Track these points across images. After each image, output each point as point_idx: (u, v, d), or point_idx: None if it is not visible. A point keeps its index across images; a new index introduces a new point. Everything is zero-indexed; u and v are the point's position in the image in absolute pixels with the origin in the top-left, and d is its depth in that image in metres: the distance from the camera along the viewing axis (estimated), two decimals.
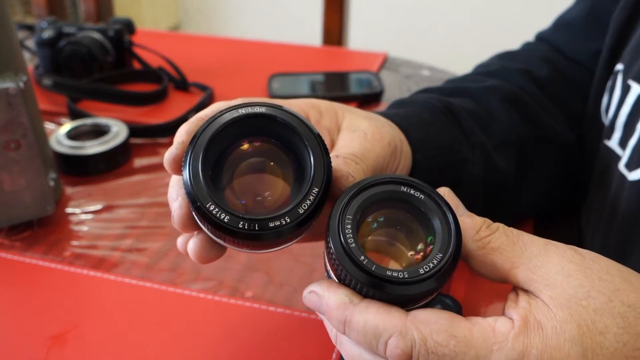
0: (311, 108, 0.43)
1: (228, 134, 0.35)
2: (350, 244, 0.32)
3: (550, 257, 0.33)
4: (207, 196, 0.33)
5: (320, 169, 0.34)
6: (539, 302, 0.32)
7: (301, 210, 0.33)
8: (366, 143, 0.41)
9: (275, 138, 0.36)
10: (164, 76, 0.92)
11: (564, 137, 0.61)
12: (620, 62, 0.55)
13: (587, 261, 0.33)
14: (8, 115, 0.56)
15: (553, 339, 0.31)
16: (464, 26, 2.54)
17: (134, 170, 0.74)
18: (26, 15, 2.35)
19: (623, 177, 0.51)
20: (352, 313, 0.33)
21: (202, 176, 0.34)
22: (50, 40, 0.91)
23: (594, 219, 0.58)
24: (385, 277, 0.32)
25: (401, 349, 0.32)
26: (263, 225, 0.33)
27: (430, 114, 0.54)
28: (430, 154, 0.51)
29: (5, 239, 0.62)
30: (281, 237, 0.34)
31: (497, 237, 0.34)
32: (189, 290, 0.55)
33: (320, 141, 0.35)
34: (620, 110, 0.53)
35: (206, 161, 0.34)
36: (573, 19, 0.67)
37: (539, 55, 0.67)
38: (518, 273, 0.34)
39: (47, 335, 0.50)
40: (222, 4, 2.96)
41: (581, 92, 0.64)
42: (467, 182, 0.54)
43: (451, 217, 0.34)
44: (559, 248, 0.34)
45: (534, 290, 0.33)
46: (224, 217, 0.33)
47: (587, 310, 0.31)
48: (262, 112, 0.35)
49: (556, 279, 0.32)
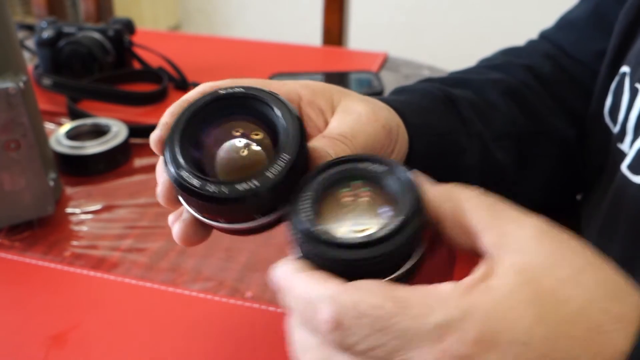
0: (304, 88, 0.43)
1: (209, 113, 0.37)
2: (304, 224, 0.32)
3: (524, 224, 0.30)
4: (181, 165, 0.35)
5: (293, 139, 0.35)
6: (498, 269, 0.29)
7: (270, 175, 0.33)
8: (358, 124, 0.41)
9: (256, 117, 0.37)
10: (164, 76, 0.92)
11: (563, 133, 0.61)
12: (625, 64, 0.55)
13: (563, 235, 0.30)
14: (8, 115, 0.56)
15: (505, 298, 0.28)
16: (464, 26, 2.54)
17: (134, 170, 0.74)
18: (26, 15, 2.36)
19: (625, 178, 0.51)
20: (295, 280, 0.31)
21: (180, 149, 0.35)
22: (50, 40, 0.91)
23: (594, 219, 0.58)
24: (333, 240, 0.31)
25: (329, 314, 0.29)
26: (231, 188, 0.33)
27: (430, 102, 0.54)
28: (427, 141, 0.50)
29: (5, 239, 0.62)
30: (253, 202, 0.33)
31: (471, 197, 0.32)
32: (189, 290, 0.55)
33: (295, 116, 0.36)
34: (630, 114, 0.53)
35: (185, 136, 0.36)
36: (576, 19, 0.67)
37: (542, 51, 0.67)
38: (488, 235, 0.31)
39: (47, 335, 0.50)
40: (222, 4, 2.96)
41: (583, 90, 0.64)
42: (465, 171, 0.54)
43: (408, 178, 0.33)
44: (535, 220, 0.31)
45: (501, 254, 0.30)
46: (195, 182, 0.34)
47: (550, 278, 0.28)
48: (242, 93, 0.37)
49: (526, 244, 0.30)
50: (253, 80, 0.40)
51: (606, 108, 0.58)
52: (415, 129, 0.49)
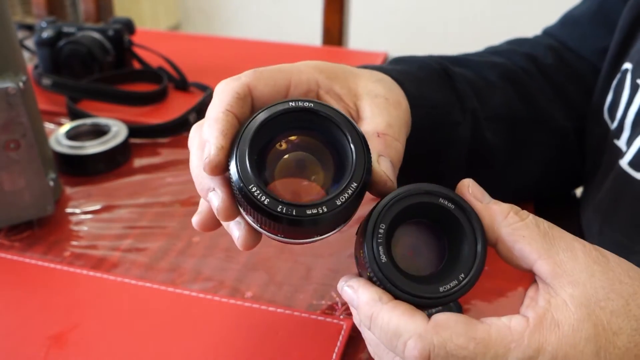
0: (319, 74, 0.42)
1: (273, 126, 0.37)
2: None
3: (576, 255, 0.34)
4: (251, 180, 0.35)
5: (360, 166, 0.35)
6: (558, 300, 0.33)
7: (338, 202, 0.35)
8: (392, 110, 0.42)
9: (319, 132, 0.38)
10: (164, 76, 0.92)
11: (560, 124, 0.61)
12: (628, 61, 0.55)
13: (610, 263, 0.34)
14: (8, 115, 0.56)
15: (569, 336, 0.32)
16: (464, 26, 2.53)
17: (134, 170, 0.74)
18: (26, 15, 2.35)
19: (626, 174, 0.51)
20: (379, 310, 0.34)
21: (249, 162, 0.35)
22: (50, 40, 0.91)
23: (594, 215, 0.58)
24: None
25: (418, 351, 0.33)
26: (301, 211, 0.34)
27: (426, 74, 0.54)
28: (422, 112, 0.51)
29: (5, 239, 0.62)
30: (317, 226, 0.35)
31: (527, 225, 0.35)
32: (188, 290, 0.55)
33: (363, 139, 0.36)
34: (629, 110, 0.53)
35: (252, 149, 0.35)
36: (580, 16, 0.67)
37: (546, 44, 0.67)
38: (544, 265, 0.34)
39: (47, 335, 0.50)
40: (222, 3, 2.96)
41: (584, 85, 0.64)
42: (456, 145, 0.54)
43: None
44: (585, 247, 0.34)
45: (556, 285, 0.34)
46: (265, 200, 0.34)
47: (605, 312, 0.32)
48: (310, 107, 0.36)
49: (580, 277, 0.33)
50: None
51: (606, 105, 0.58)
52: (413, 99, 0.49)
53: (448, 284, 0.35)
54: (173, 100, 0.90)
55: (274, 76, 0.40)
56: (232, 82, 0.40)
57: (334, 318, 0.51)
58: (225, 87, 0.40)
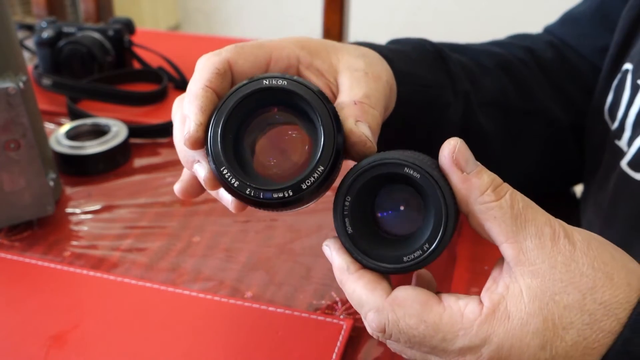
0: (301, 49, 0.43)
1: (248, 104, 0.37)
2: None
3: (543, 243, 0.34)
4: (222, 162, 0.36)
5: (328, 149, 0.36)
6: (515, 289, 0.34)
7: (304, 186, 0.36)
8: (370, 83, 0.42)
9: (295, 110, 0.38)
10: (163, 76, 0.92)
11: (556, 117, 0.61)
12: (628, 61, 0.55)
13: (576, 253, 0.34)
14: (8, 115, 0.56)
15: (516, 330, 0.33)
16: (464, 26, 2.53)
17: (134, 170, 0.74)
18: (26, 15, 2.35)
19: (625, 174, 0.51)
20: (346, 279, 0.37)
21: (221, 143, 0.37)
22: (50, 40, 0.91)
23: (594, 215, 0.58)
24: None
25: (375, 324, 0.36)
26: (267, 195, 0.36)
27: (420, 54, 0.55)
28: (412, 90, 0.51)
29: (5, 239, 0.62)
30: (285, 207, 0.37)
31: (501, 206, 0.35)
32: (188, 290, 0.55)
33: (334, 118, 0.37)
34: (630, 110, 0.53)
35: (226, 129, 0.37)
36: (580, 15, 0.67)
37: (547, 40, 0.67)
38: (509, 249, 0.35)
39: (47, 335, 0.50)
40: (222, 3, 2.96)
41: (584, 83, 0.64)
42: (446, 126, 0.54)
43: None
44: (554, 233, 0.34)
45: (517, 272, 0.34)
46: (234, 182, 0.36)
47: (558, 306, 0.33)
48: (282, 86, 0.37)
49: (541, 267, 0.34)
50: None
51: (607, 105, 0.58)
52: (402, 76, 0.49)
53: (412, 254, 0.36)
54: (173, 100, 0.89)
55: (255, 52, 0.41)
56: (212, 57, 0.40)
57: (334, 318, 0.51)
58: (206, 62, 0.40)
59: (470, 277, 0.56)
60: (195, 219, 0.64)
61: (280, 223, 0.64)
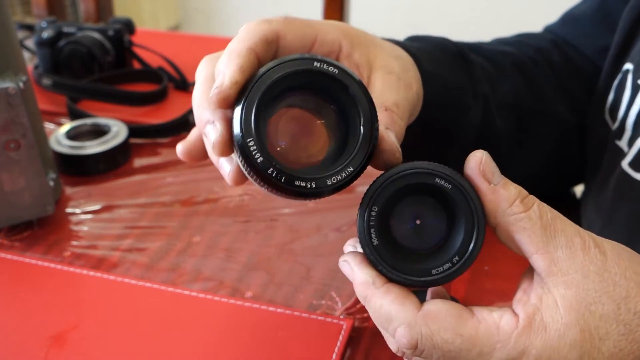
0: (344, 38, 0.42)
1: (291, 81, 0.35)
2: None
3: (575, 253, 0.33)
4: (251, 133, 0.34)
5: (362, 152, 0.35)
6: (550, 299, 0.33)
7: (329, 182, 0.34)
8: (401, 91, 0.42)
9: (333, 100, 0.36)
10: (164, 76, 0.92)
11: (563, 117, 0.61)
12: (629, 61, 0.55)
13: (608, 263, 0.33)
14: (8, 115, 0.56)
15: (554, 341, 0.32)
16: (464, 26, 2.53)
17: (134, 170, 0.74)
18: (26, 15, 2.35)
19: (626, 174, 0.51)
20: (372, 294, 0.35)
21: (254, 114, 0.34)
22: (50, 40, 0.91)
23: (595, 215, 0.58)
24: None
25: (407, 340, 0.34)
26: (290, 180, 0.34)
27: (442, 54, 0.54)
28: (435, 90, 0.50)
29: (5, 239, 0.62)
30: (302, 196, 0.35)
31: (530, 217, 0.34)
32: (188, 290, 0.55)
33: (376, 124, 0.35)
34: (630, 110, 0.53)
35: (262, 101, 0.34)
36: (581, 14, 0.67)
37: (550, 39, 0.67)
38: (540, 260, 0.34)
39: (47, 335, 0.50)
40: (221, 3, 2.96)
41: (585, 82, 0.64)
42: (465, 130, 0.54)
43: None
44: (585, 243, 0.34)
45: (549, 283, 0.34)
46: (259, 158, 0.34)
47: (594, 316, 0.32)
48: (334, 74, 0.35)
49: (574, 277, 0.33)
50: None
51: (607, 105, 0.58)
52: (428, 77, 0.49)
53: (441, 266, 0.35)
54: (173, 100, 0.90)
55: (303, 29, 0.40)
56: (263, 24, 0.39)
57: (334, 318, 0.51)
58: (255, 27, 0.38)
59: (471, 277, 0.56)
60: (195, 219, 0.64)
61: (280, 223, 0.64)
